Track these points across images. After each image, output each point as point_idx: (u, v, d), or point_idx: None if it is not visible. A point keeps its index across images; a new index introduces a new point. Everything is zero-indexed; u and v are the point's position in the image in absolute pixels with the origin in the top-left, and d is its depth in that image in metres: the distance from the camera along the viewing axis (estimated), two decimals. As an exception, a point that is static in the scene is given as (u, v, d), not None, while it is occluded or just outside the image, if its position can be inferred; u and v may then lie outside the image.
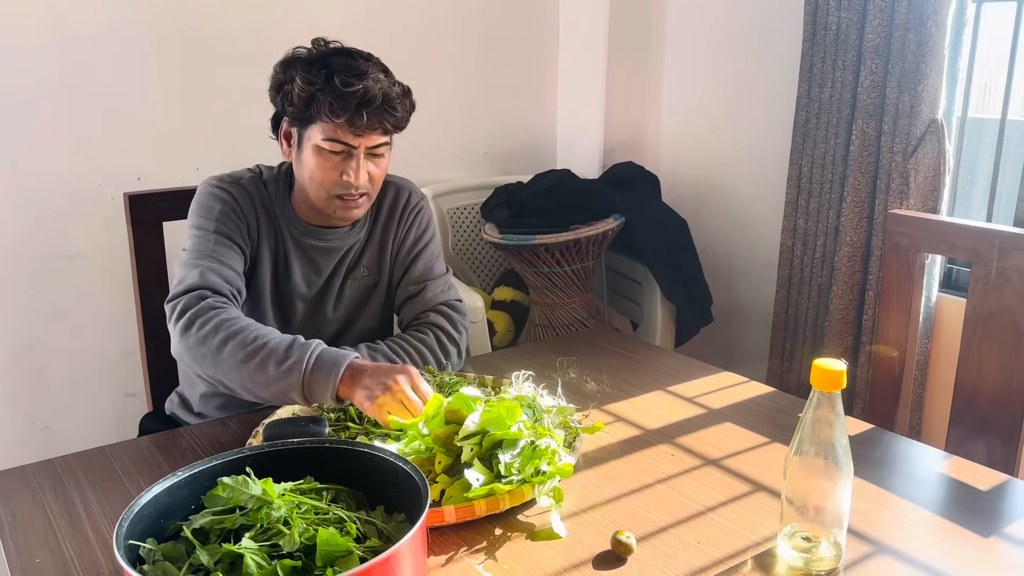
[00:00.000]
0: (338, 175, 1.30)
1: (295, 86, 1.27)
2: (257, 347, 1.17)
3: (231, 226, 1.32)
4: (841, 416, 0.90)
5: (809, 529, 0.93)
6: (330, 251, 1.42)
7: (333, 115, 1.25)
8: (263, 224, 1.37)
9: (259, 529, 0.79)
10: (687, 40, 2.67)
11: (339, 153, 1.29)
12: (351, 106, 1.24)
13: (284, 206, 1.39)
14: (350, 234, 1.43)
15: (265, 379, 1.16)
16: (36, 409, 2.12)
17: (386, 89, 1.27)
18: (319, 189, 1.32)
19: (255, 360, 1.16)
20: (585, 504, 1.06)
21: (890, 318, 1.55)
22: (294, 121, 1.32)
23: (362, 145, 1.29)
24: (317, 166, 1.30)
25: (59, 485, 1.10)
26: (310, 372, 1.16)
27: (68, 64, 2.00)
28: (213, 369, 1.20)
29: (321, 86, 1.25)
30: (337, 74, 1.25)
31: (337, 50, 1.31)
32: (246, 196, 1.35)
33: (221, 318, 1.20)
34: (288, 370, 1.15)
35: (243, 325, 1.21)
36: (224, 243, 1.31)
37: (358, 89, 1.24)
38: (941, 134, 1.88)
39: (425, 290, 1.47)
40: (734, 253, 2.63)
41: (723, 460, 1.18)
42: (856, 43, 1.98)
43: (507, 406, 1.04)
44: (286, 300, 1.41)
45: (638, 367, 1.52)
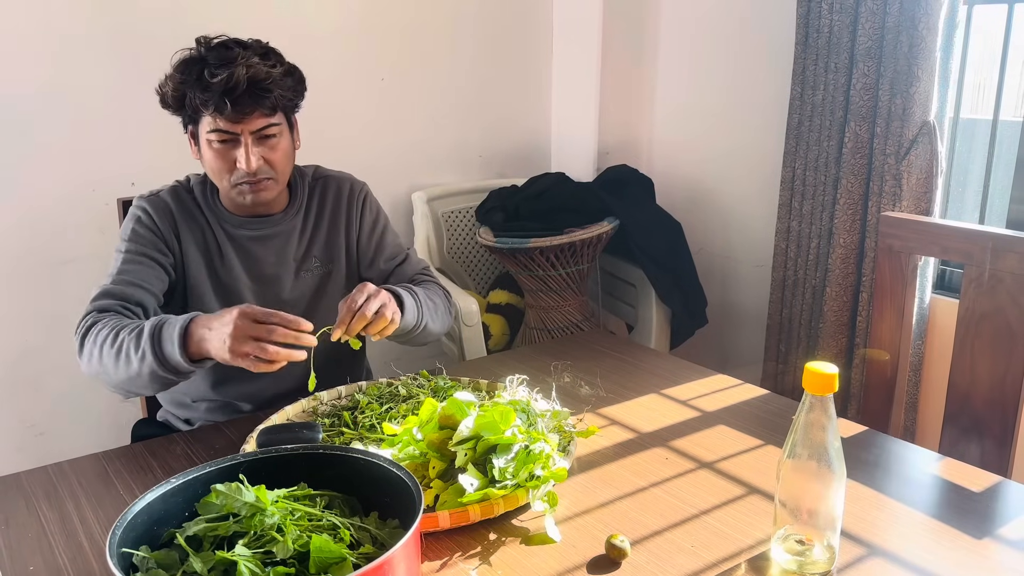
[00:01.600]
0: (231, 163, 1.32)
1: (169, 87, 1.31)
2: (120, 342, 1.19)
3: (142, 242, 1.35)
4: (834, 419, 0.90)
5: (802, 532, 0.93)
6: (264, 239, 1.43)
7: (204, 107, 1.28)
8: (184, 228, 1.39)
9: (252, 536, 0.79)
10: (680, 43, 2.68)
11: (226, 142, 1.31)
12: (216, 95, 1.26)
13: (211, 204, 1.42)
14: (282, 221, 1.44)
15: (133, 369, 1.17)
16: (31, 415, 2.12)
17: (255, 72, 1.27)
18: (220, 180, 1.35)
19: (121, 356, 1.18)
20: (579, 508, 1.06)
21: (883, 320, 1.55)
22: (186, 121, 1.36)
23: (244, 131, 1.30)
24: (212, 158, 1.33)
25: (53, 492, 1.10)
26: (159, 343, 1.16)
27: (61, 70, 2.00)
28: (108, 379, 1.23)
29: (192, 82, 1.28)
30: (207, 67, 1.27)
31: (217, 44, 1.32)
32: (161, 208, 1.38)
33: (97, 330, 1.23)
34: (143, 352, 1.16)
35: (112, 328, 1.22)
36: (133, 260, 1.33)
37: (221, 78, 1.25)
38: (933, 136, 1.89)
39: (407, 260, 1.55)
40: (728, 255, 2.63)
41: (717, 463, 1.18)
42: (848, 46, 1.99)
43: (501, 411, 1.04)
44: (231, 291, 1.42)
45: (632, 370, 1.53)
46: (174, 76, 1.30)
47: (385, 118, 2.51)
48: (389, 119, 2.52)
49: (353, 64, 2.39)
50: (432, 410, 1.08)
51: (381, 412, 1.28)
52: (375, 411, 1.28)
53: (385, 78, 2.47)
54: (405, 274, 1.53)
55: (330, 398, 1.35)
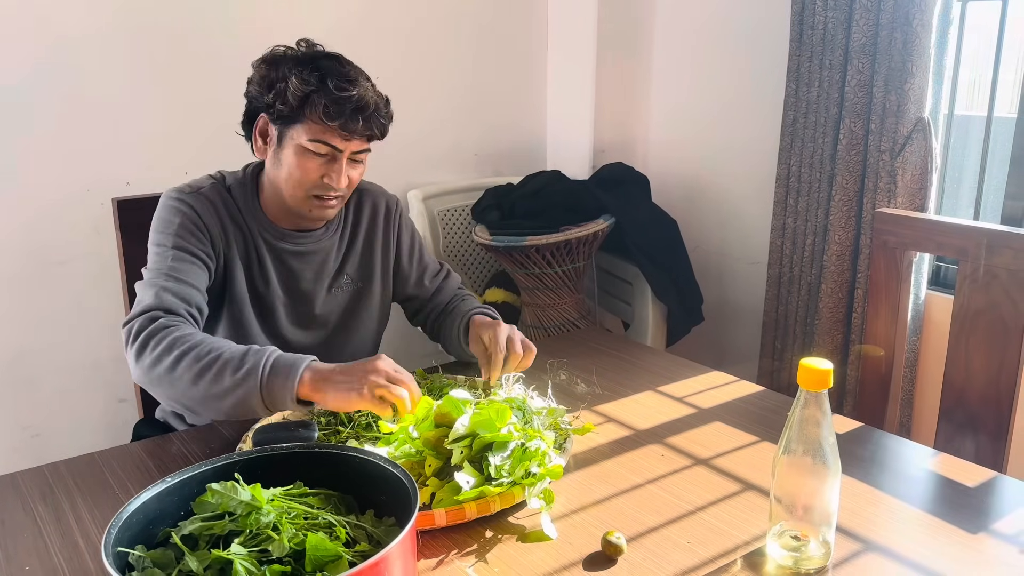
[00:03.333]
0: (319, 177, 1.30)
1: (290, 84, 1.26)
2: (212, 359, 1.14)
3: (191, 240, 1.29)
4: (828, 415, 0.91)
5: (798, 528, 0.93)
6: (304, 255, 1.41)
7: (327, 118, 1.25)
8: (230, 232, 1.35)
9: (248, 535, 0.79)
10: (675, 41, 2.68)
11: (323, 155, 1.29)
12: (347, 111, 1.25)
13: (253, 210, 1.38)
14: (323, 238, 1.43)
15: (222, 390, 1.12)
16: (27, 416, 2.12)
17: (375, 98, 1.29)
18: (297, 188, 1.31)
19: (211, 372, 1.13)
20: (575, 505, 1.06)
21: (878, 316, 1.56)
22: (278, 120, 1.31)
23: (348, 149, 1.30)
24: (298, 166, 1.30)
25: (49, 493, 1.10)
26: (267, 376, 1.11)
27: (56, 70, 2.00)
28: (171, 388, 1.16)
29: (316, 87, 1.25)
30: (330, 77, 1.25)
31: (326, 54, 1.32)
32: (207, 206, 1.33)
33: (174, 336, 1.17)
34: (244, 377, 1.12)
35: (197, 340, 1.17)
36: (183, 259, 1.27)
37: (353, 95, 1.25)
38: (928, 132, 1.90)
39: (449, 276, 1.58)
40: (724, 253, 2.64)
41: (713, 460, 1.18)
42: (843, 42, 1.99)
43: (497, 408, 1.04)
44: (267, 306, 1.40)
45: (629, 367, 1.53)
46: (296, 73, 1.26)
47: (380, 117, 2.50)
48: (384, 118, 2.52)
49: (348, 62, 2.38)
50: (428, 408, 1.08)
51: (377, 411, 1.28)
52: (370, 409, 1.28)
53: (380, 76, 2.46)
54: (450, 288, 1.56)
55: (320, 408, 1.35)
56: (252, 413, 1.15)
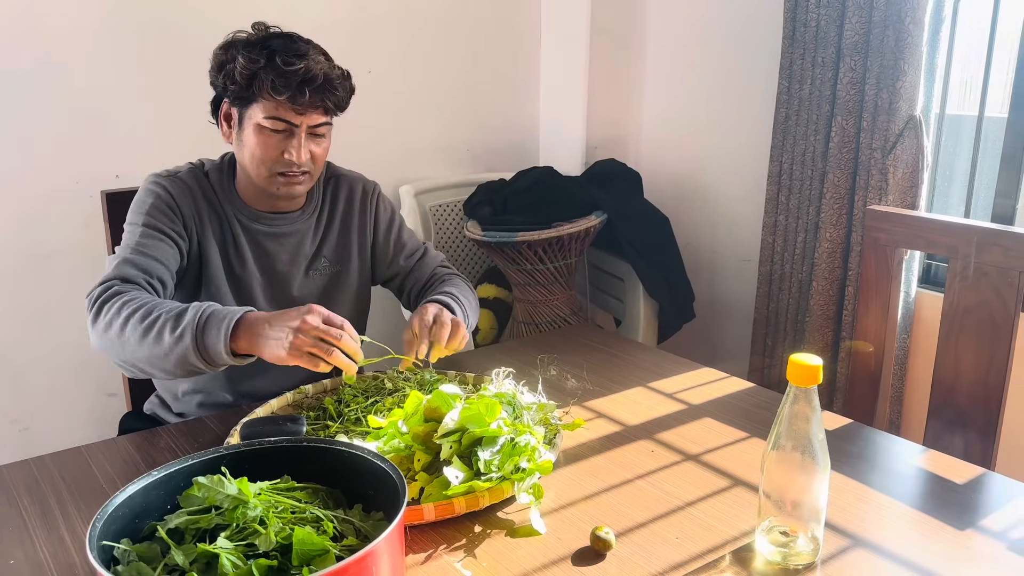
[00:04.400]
0: (279, 153, 1.32)
1: (237, 65, 1.29)
2: (154, 318, 1.16)
3: (161, 219, 1.32)
4: (818, 411, 0.91)
5: (787, 523, 0.94)
6: (279, 237, 1.42)
7: (275, 92, 1.27)
8: (205, 214, 1.37)
9: (235, 529, 0.78)
10: (668, 37, 2.68)
11: (280, 131, 1.31)
12: (293, 83, 1.27)
13: (229, 193, 1.40)
14: (299, 220, 1.44)
15: (163, 348, 1.14)
16: (15, 410, 2.10)
17: (327, 70, 1.30)
18: (260, 167, 1.33)
19: (153, 331, 1.15)
20: (565, 500, 1.06)
21: (869, 313, 1.56)
22: (235, 101, 1.34)
23: (304, 123, 1.31)
24: (258, 144, 1.32)
25: (35, 486, 1.09)
26: (202, 330, 1.13)
27: (45, 62, 1.98)
28: (121, 351, 1.18)
29: (263, 64, 1.27)
30: (279, 54, 1.28)
31: (278, 33, 1.34)
32: (183, 189, 1.36)
33: (124, 300, 1.19)
34: (181, 333, 1.13)
35: (144, 301, 1.19)
36: (151, 235, 1.30)
37: (300, 68, 1.27)
38: (919, 131, 1.90)
39: (426, 254, 1.56)
40: (715, 250, 2.64)
41: (702, 455, 1.18)
42: (835, 40, 1.99)
43: (486, 403, 1.03)
44: (244, 287, 1.41)
45: (619, 364, 1.53)
46: (243, 54, 1.28)
47: (373, 111, 2.50)
48: (377, 112, 2.51)
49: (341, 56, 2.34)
50: (417, 403, 1.08)
51: (366, 405, 1.27)
52: (360, 404, 1.28)
53: (373, 70, 2.46)
54: (427, 268, 1.55)
55: (316, 391, 1.34)
56: (196, 369, 1.16)
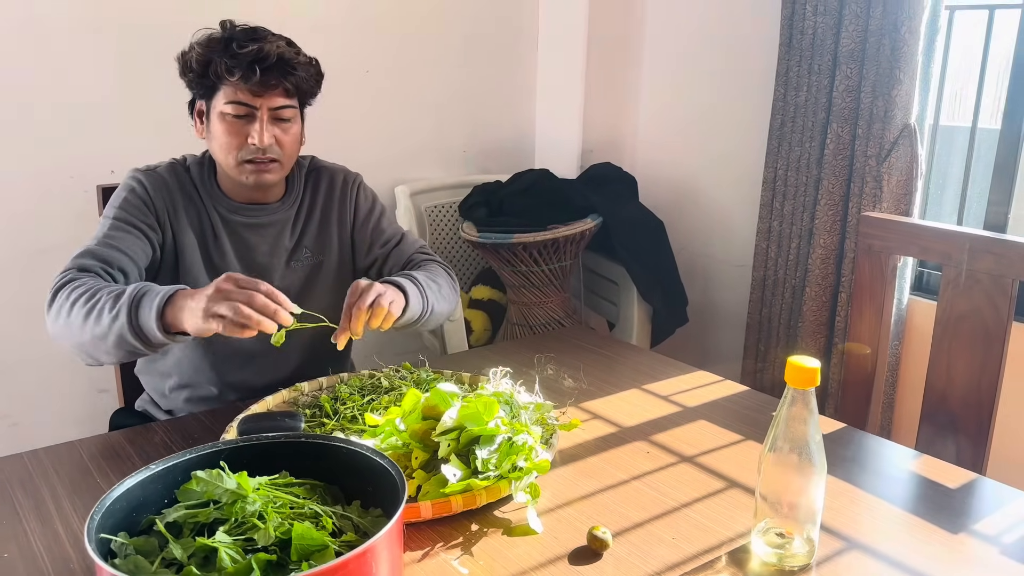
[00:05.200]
0: (243, 139, 1.32)
1: (194, 54, 1.31)
2: (95, 300, 1.15)
3: (133, 212, 1.33)
4: (815, 413, 0.91)
5: (783, 525, 0.94)
6: (258, 228, 1.42)
7: (229, 73, 1.28)
8: (181, 206, 1.37)
9: (233, 523, 0.78)
10: (665, 42, 2.70)
11: (242, 117, 1.31)
12: (244, 63, 1.27)
13: (208, 186, 1.40)
14: (278, 211, 1.44)
15: (102, 330, 1.13)
16: (5, 405, 2.09)
17: (283, 51, 1.30)
18: (227, 155, 1.33)
19: (93, 313, 1.14)
20: (561, 500, 1.06)
21: (862, 319, 1.57)
22: (198, 92, 1.35)
23: (263, 106, 1.31)
24: (223, 132, 1.32)
25: (28, 480, 1.09)
26: (136, 306, 1.12)
27: (38, 56, 1.97)
28: (70, 335, 1.18)
29: (219, 50, 1.29)
30: (235, 40, 1.29)
31: (243, 27, 1.34)
32: (158, 182, 1.36)
33: (74, 286, 1.19)
34: (117, 312, 1.12)
35: (90, 286, 1.19)
36: (120, 227, 1.31)
37: (252, 49, 1.27)
38: (914, 139, 1.92)
39: (403, 240, 1.52)
40: (709, 255, 2.65)
41: (698, 457, 1.19)
42: (832, 48, 2.01)
43: (485, 402, 1.04)
44: None
45: (614, 366, 1.53)
46: (200, 44, 1.30)
47: (369, 111, 2.50)
48: (373, 112, 2.51)
49: (337, 55, 2.36)
50: (415, 400, 1.08)
51: (363, 403, 1.27)
52: (357, 402, 1.28)
53: (370, 70, 2.46)
54: (403, 254, 1.51)
55: (311, 389, 1.34)
56: (134, 349, 1.15)
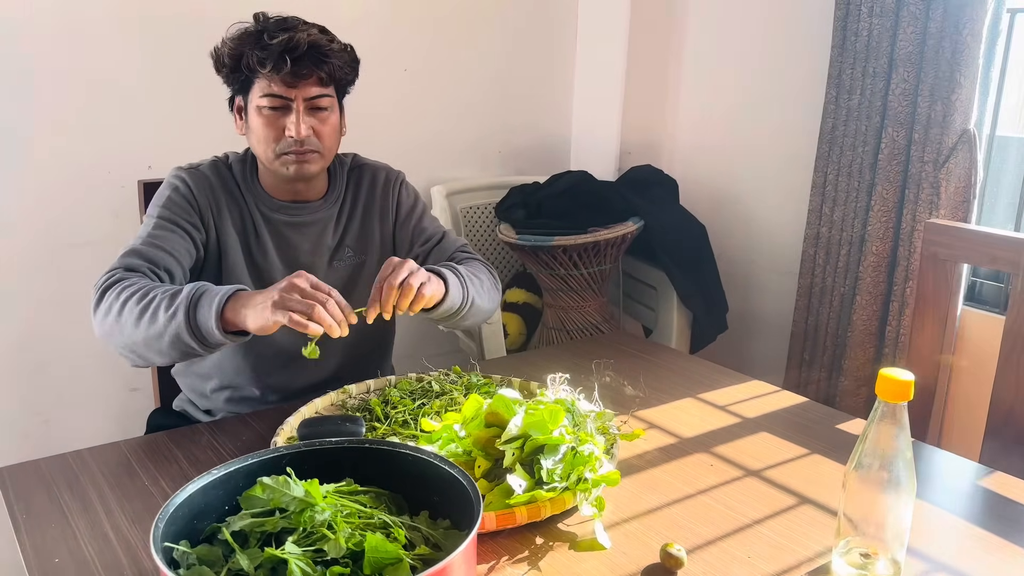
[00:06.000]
0: (280, 131, 1.30)
1: (225, 49, 1.29)
2: (149, 300, 1.13)
3: (177, 211, 1.31)
4: (906, 429, 0.86)
5: (867, 545, 0.89)
6: (301, 226, 1.39)
7: (260, 65, 1.26)
8: (224, 205, 1.35)
9: (302, 533, 0.74)
10: (709, 39, 2.64)
11: (278, 109, 1.29)
12: (275, 53, 1.25)
13: (251, 184, 1.38)
14: (320, 209, 1.41)
15: (157, 330, 1.11)
16: (38, 402, 2.06)
17: (315, 38, 1.28)
18: (266, 149, 1.31)
19: (148, 312, 1.12)
20: (626, 514, 1.01)
21: (924, 330, 1.51)
22: (237, 90, 1.34)
23: (298, 97, 1.29)
24: (260, 126, 1.30)
25: (75, 482, 1.05)
26: (195, 306, 1.09)
27: (79, 51, 1.95)
28: (120, 336, 1.16)
29: (250, 44, 1.27)
30: (266, 31, 1.27)
31: (276, 18, 1.31)
32: (202, 181, 1.34)
33: (123, 286, 1.17)
34: (175, 311, 1.10)
35: (142, 285, 1.17)
36: (164, 227, 1.29)
37: (283, 39, 1.25)
38: (973, 144, 1.86)
39: (444, 238, 1.48)
40: (751, 260, 2.59)
41: (764, 471, 1.14)
42: (888, 50, 1.95)
43: (550, 410, 0.99)
44: (266, 279, 1.38)
45: (664, 373, 1.49)
46: (232, 38, 1.29)
47: (406, 109, 2.46)
48: (410, 111, 2.47)
49: (376, 53, 2.33)
50: (477, 407, 1.04)
51: (414, 408, 1.24)
52: (408, 407, 1.24)
53: (408, 68, 2.42)
54: (444, 252, 1.48)
55: (359, 392, 1.31)
56: (190, 350, 1.12)
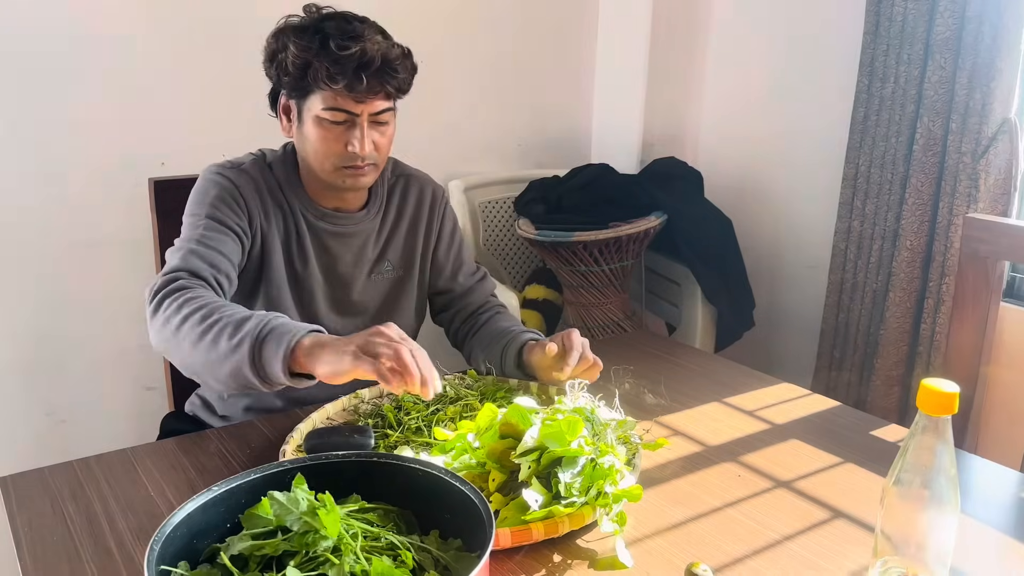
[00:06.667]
0: (342, 146, 1.23)
1: (288, 54, 1.21)
2: (213, 321, 1.04)
3: (225, 211, 1.24)
4: (950, 443, 0.80)
5: (906, 565, 0.83)
6: (343, 237, 1.34)
7: (331, 81, 1.18)
8: (270, 209, 1.29)
9: (304, 556, 0.70)
10: (734, 26, 2.56)
11: (341, 123, 1.23)
12: (349, 70, 1.17)
13: (294, 187, 1.32)
14: (364, 220, 1.36)
15: (218, 355, 1.02)
16: (52, 401, 2.06)
17: (385, 50, 1.20)
18: (324, 162, 1.25)
19: (209, 335, 1.03)
20: (649, 529, 0.96)
21: (963, 329, 1.45)
22: (291, 93, 1.26)
23: (364, 112, 1.22)
24: (320, 138, 1.23)
25: (79, 491, 1.02)
26: (262, 341, 1.00)
27: (93, 48, 1.93)
28: (176, 351, 1.08)
29: (316, 51, 1.18)
30: (332, 38, 1.18)
31: (331, 15, 1.24)
32: (248, 182, 1.28)
33: (187, 297, 1.09)
34: (239, 342, 1.01)
35: (207, 302, 1.08)
36: (215, 228, 1.22)
37: (355, 51, 1.17)
38: (1015, 134, 1.77)
39: (485, 279, 1.48)
40: (778, 255, 2.52)
41: (795, 482, 1.08)
42: (923, 36, 1.87)
43: (568, 420, 0.95)
44: (305, 288, 1.33)
45: (688, 375, 1.43)
46: (294, 42, 1.20)
47: (423, 102, 2.40)
48: (427, 103, 2.42)
49: (393, 46, 2.30)
50: (492, 417, 0.99)
51: (427, 414, 1.19)
52: (421, 412, 1.20)
53: (424, 60, 2.37)
54: (484, 292, 1.48)
55: (372, 396, 1.26)
56: (249, 384, 1.02)
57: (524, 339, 1.33)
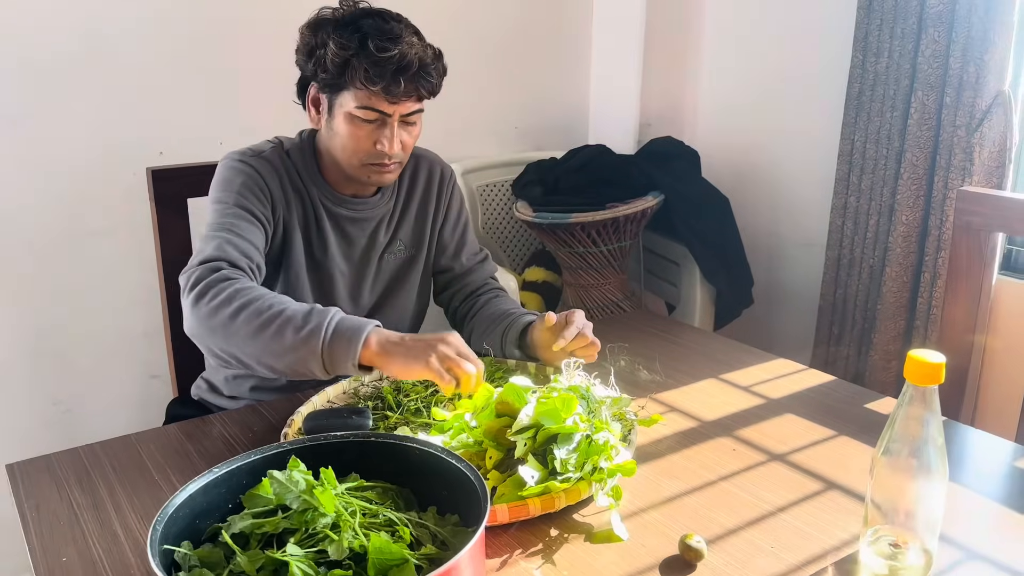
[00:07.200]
0: (371, 144, 1.25)
1: (328, 51, 1.21)
2: (274, 314, 1.09)
3: (252, 200, 1.26)
4: (937, 413, 0.82)
5: (896, 534, 0.85)
6: (360, 221, 1.37)
7: (369, 82, 1.20)
8: (291, 197, 1.31)
9: (304, 533, 0.72)
10: (730, 6, 2.55)
11: (372, 121, 1.24)
12: (388, 72, 1.19)
13: (313, 175, 1.34)
14: (379, 204, 1.39)
15: (282, 348, 1.07)
16: (58, 391, 2.08)
17: (421, 54, 1.22)
18: (352, 157, 1.27)
19: (271, 328, 1.08)
20: (644, 503, 0.98)
21: (957, 302, 1.46)
22: (324, 87, 1.27)
23: (396, 113, 1.24)
24: (349, 135, 1.25)
25: (85, 477, 1.04)
26: (330, 338, 1.06)
27: (90, 38, 1.93)
28: (225, 341, 1.11)
29: (355, 51, 1.19)
30: (371, 38, 1.19)
31: (368, 11, 1.25)
32: (270, 169, 1.30)
33: (235, 288, 1.13)
34: (307, 337, 1.06)
35: (259, 294, 1.13)
36: (244, 216, 1.24)
37: (394, 54, 1.18)
38: (1008, 106, 1.77)
39: (487, 260, 1.50)
40: (776, 233, 2.52)
41: (789, 455, 1.10)
42: (917, 10, 1.86)
43: (563, 398, 0.96)
44: (324, 274, 1.36)
45: (685, 353, 1.45)
46: (334, 39, 1.20)
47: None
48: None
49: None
50: (487, 396, 1.01)
51: (426, 395, 1.21)
52: (420, 394, 1.21)
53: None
54: (484, 273, 1.50)
55: (372, 379, 1.28)
56: (309, 374, 1.10)
57: (526, 320, 1.35)
